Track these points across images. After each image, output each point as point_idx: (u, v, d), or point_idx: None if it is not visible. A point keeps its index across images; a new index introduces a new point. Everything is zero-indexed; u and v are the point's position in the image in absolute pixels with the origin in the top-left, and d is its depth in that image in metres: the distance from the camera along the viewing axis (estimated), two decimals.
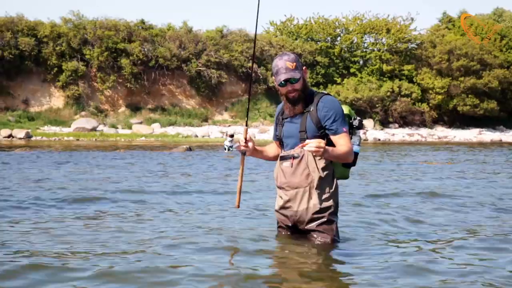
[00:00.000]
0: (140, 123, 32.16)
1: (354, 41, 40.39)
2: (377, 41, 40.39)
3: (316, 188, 3.89)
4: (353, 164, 4.04)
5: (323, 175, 3.90)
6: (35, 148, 17.95)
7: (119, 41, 33.59)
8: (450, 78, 38.93)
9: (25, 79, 32.58)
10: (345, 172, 4.08)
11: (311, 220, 3.94)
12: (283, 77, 3.86)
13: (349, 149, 3.85)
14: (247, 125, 4.13)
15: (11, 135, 25.83)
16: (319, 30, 40.55)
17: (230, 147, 4.22)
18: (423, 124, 38.56)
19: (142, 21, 36.26)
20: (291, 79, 3.87)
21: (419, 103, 38.38)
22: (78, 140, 25.39)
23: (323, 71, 38.65)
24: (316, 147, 3.61)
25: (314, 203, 3.90)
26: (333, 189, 3.95)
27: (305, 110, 3.93)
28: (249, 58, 35.91)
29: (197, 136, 29.53)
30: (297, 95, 3.90)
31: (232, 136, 4.24)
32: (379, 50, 39.84)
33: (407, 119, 38.24)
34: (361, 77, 38.74)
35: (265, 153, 4.21)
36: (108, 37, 33.18)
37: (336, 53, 39.64)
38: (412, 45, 40.47)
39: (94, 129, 29.45)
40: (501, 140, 33.88)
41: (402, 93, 37.85)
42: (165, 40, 35.27)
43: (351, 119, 4.06)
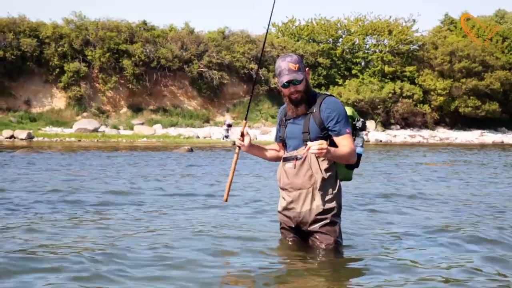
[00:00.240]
0: (142, 124, 32.14)
1: (356, 43, 40.36)
2: (379, 43, 40.36)
3: (319, 189, 3.89)
4: (356, 165, 4.03)
5: (326, 176, 3.89)
6: (36, 149, 17.95)
7: (121, 42, 33.59)
8: (452, 79, 38.88)
9: (27, 80, 32.58)
10: (348, 174, 4.08)
11: (314, 221, 3.93)
12: (286, 78, 3.86)
13: (351, 150, 3.85)
14: (247, 119, 4.11)
15: (13, 136, 25.84)
16: (321, 32, 40.54)
17: (226, 136, 4.16)
18: (424, 125, 38.50)
19: (144, 22, 36.27)
20: (294, 81, 3.86)
21: (421, 104, 38.33)
22: (79, 141, 25.39)
23: (324, 72, 38.62)
24: (318, 148, 3.61)
25: (317, 204, 3.90)
26: (336, 191, 3.95)
27: (308, 111, 3.92)
28: (250, 59, 35.90)
29: (198, 137, 29.52)
30: (300, 96, 3.89)
31: (230, 126, 4.18)
32: (381, 52, 39.80)
33: (409, 120, 38.19)
34: (362, 79, 38.71)
35: (264, 151, 4.16)
36: (110, 38, 33.17)
37: (338, 55, 39.62)
38: (414, 47, 40.43)
39: (96, 130, 29.44)
40: (502, 142, 33.83)
41: (404, 94, 37.80)
42: (167, 41, 35.27)
43: (355, 121, 4.05)
